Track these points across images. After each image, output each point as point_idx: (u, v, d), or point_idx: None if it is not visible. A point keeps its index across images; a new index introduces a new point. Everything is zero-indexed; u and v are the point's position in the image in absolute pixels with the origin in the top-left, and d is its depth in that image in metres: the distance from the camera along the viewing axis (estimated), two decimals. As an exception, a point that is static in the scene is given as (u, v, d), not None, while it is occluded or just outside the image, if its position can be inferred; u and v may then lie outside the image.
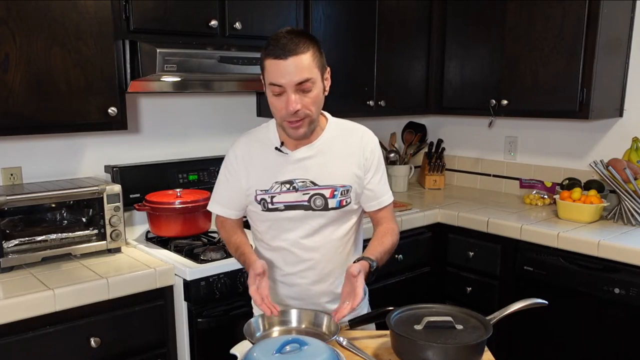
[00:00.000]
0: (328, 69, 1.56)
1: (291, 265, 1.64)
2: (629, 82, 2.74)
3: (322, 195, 1.58)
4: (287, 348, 1.22)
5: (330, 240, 1.62)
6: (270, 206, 1.60)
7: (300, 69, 1.44)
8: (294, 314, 1.54)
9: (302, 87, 1.46)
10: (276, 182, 1.60)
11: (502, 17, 2.80)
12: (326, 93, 1.56)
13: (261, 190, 1.61)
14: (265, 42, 1.48)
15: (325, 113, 1.67)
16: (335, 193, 1.58)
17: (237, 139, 1.71)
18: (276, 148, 1.61)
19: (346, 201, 1.60)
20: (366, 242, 1.68)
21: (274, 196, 1.60)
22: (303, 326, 1.52)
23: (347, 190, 1.60)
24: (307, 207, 1.59)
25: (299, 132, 1.52)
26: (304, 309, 1.56)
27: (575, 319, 2.38)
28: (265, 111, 2.83)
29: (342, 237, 1.64)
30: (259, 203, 1.62)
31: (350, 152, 1.62)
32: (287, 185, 1.59)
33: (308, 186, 1.58)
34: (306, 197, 1.58)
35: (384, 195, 1.69)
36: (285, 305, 1.64)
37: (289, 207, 1.59)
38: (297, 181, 1.59)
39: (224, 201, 1.71)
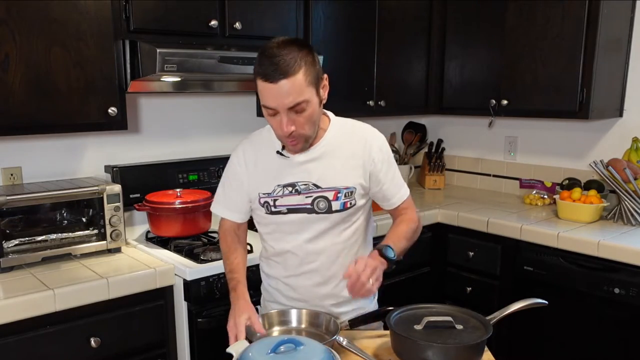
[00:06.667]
0: (325, 76, 1.49)
1: (295, 267, 1.62)
2: (629, 82, 2.74)
3: (326, 198, 1.55)
4: (282, 348, 1.21)
5: (335, 243, 1.60)
6: (273, 209, 1.59)
7: (292, 92, 1.38)
8: (293, 314, 1.54)
9: (295, 109, 1.41)
10: (278, 185, 1.58)
11: (502, 17, 2.80)
12: (324, 102, 1.51)
13: (264, 194, 1.59)
14: (257, 55, 1.41)
15: (328, 113, 1.63)
16: (339, 195, 1.56)
17: (239, 142, 1.69)
18: (277, 152, 1.58)
19: (350, 203, 1.58)
20: (379, 239, 1.62)
21: (276, 199, 1.58)
22: (303, 326, 1.52)
23: (351, 192, 1.57)
24: (310, 210, 1.56)
25: (297, 148, 1.51)
26: (303, 309, 1.56)
27: (575, 319, 2.38)
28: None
29: (347, 240, 1.61)
30: (263, 206, 1.61)
31: (354, 152, 1.58)
32: (290, 189, 1.57)
33: (311, 189, 1.56)
34: (309, 200, 1.56)
35: (400, 192, 1.66)
36: (288, 307, 1.63)
37: (291, 210, 1.57)
38: (299, 184, 1.56)
39: (228, 203, 1.68)
